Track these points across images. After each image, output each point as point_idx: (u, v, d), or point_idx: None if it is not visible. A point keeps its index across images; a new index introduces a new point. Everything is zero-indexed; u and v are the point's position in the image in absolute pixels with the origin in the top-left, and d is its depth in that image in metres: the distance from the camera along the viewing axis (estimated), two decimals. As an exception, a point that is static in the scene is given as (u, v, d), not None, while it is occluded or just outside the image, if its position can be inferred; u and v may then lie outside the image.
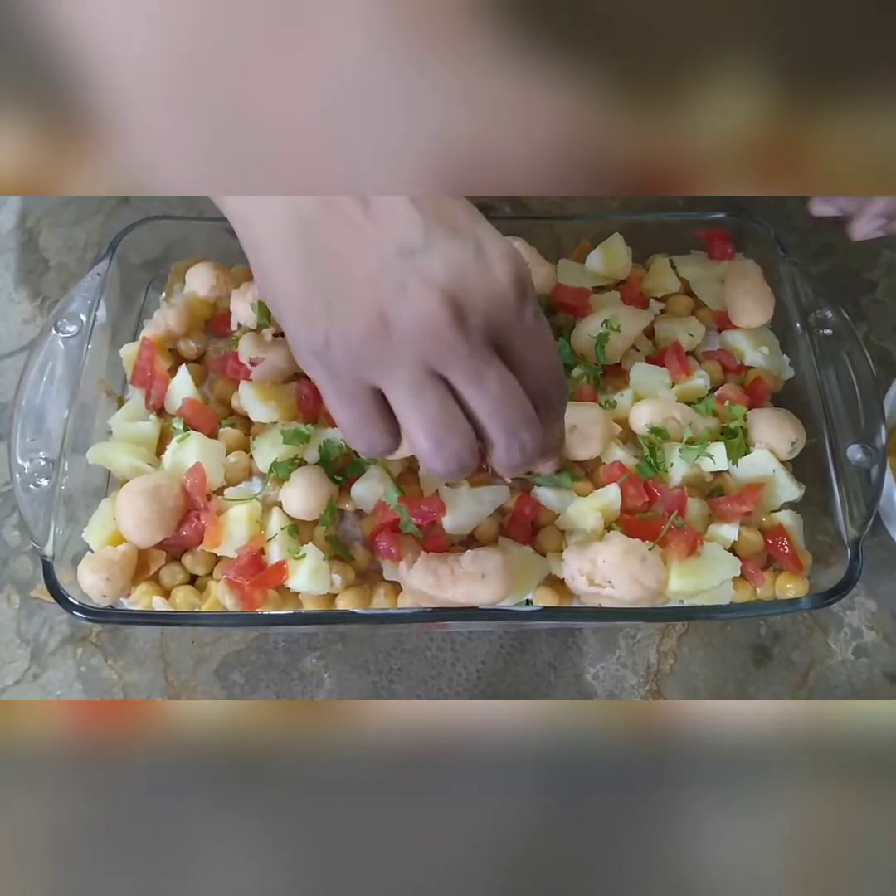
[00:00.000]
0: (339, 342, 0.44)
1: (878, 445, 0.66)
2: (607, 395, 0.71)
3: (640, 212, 0.92)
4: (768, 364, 0.74)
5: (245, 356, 0.71)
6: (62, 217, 0.94)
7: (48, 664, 0.71)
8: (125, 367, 0.74)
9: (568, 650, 0.72)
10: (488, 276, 0.44)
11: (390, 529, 0.64)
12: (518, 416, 0.46)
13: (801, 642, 0.72)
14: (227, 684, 0.70)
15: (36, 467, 0.64)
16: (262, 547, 0.63)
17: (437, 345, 0.43)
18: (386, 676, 0.70)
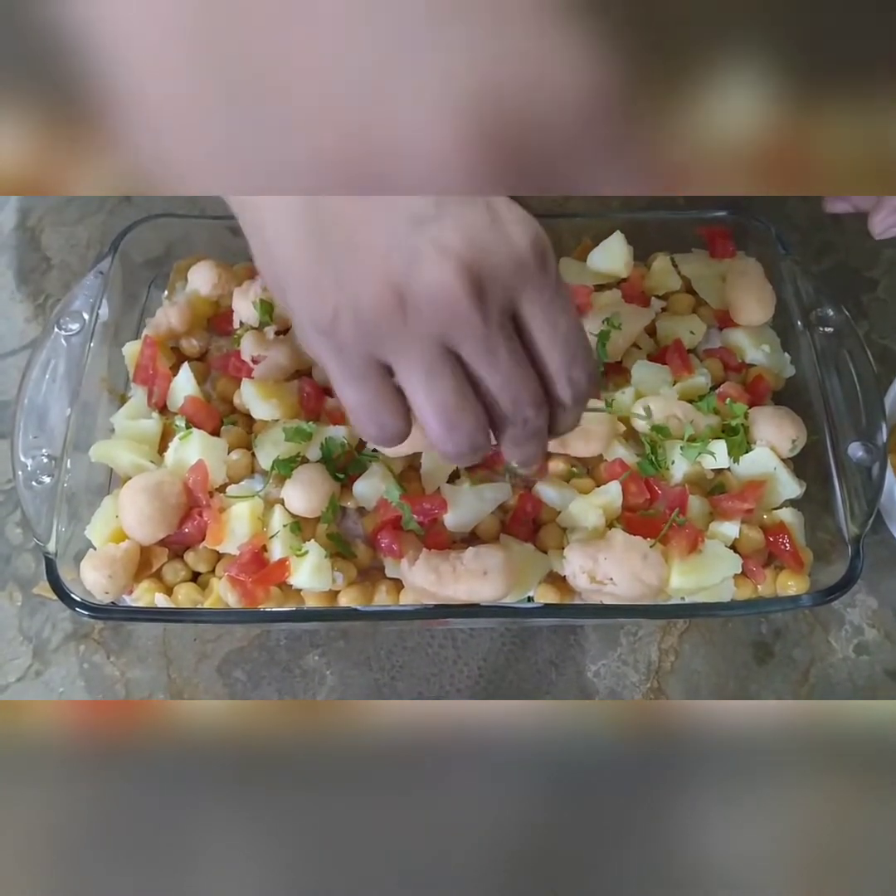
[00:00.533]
0: (349, 316, 0.42)
1: (879, 443, 0.66)
2: (609, 392, 0.71)
3: (642, 210, 0.92)
4: (769, 362, 0.74)
5: (247, 354, 0.71)
6: (64, 215, 0.94)
7: (51, 661, 0.71)
8: (127, 365, 0.74)
9: (569, 647, 0.72)
10: (506, 240, 0.41)
11: (392, 527, 0.64)
12: (526, 393, 0.44)
13: (802, 640, 0.72)
14: (229, 681, 0.70)
15: (38, 465, 0.64)
16: (264, 544, 0.63)
17: (453, 319, 0.41)
18: (388, 674, 0.70)
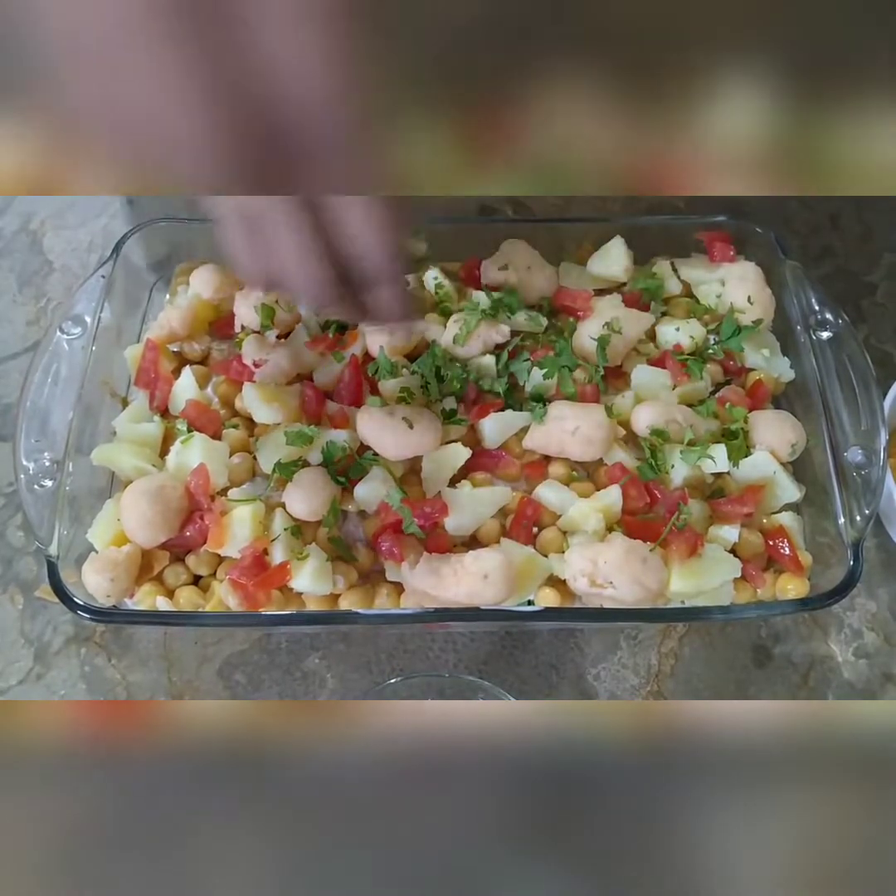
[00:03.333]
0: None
1: (878, 447, 0.66)
2: (609, 396, 0.72)
3: (642, 215, 0.92)
4: (769, 366, 0.74)
5: (249, 358, 0.72)
6: (66, 219, 0.95)
7: (52, 664, 0.71)
8: (129, 368, 0.74)
9: (569, 651, 0.72)
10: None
11: (393, 530, 0.64)
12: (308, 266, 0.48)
13: (801, 643, 0.72)
14: (229, 684, 0.70)
15: (40, 468, 0.65)
16: (265, 548, 0.64)
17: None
18: (388, 677, 0.70)
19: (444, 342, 0.73)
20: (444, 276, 0.78)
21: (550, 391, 0.72)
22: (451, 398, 0.71)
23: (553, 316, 0.78)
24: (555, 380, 0.71)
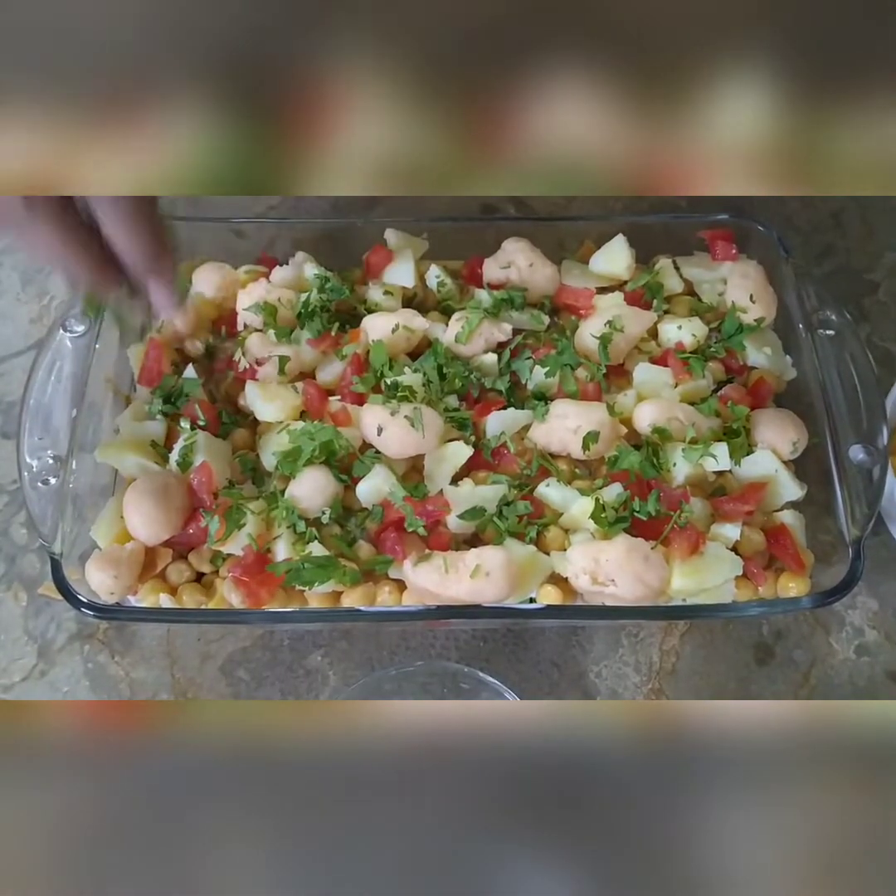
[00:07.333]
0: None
1: (879, 445, 0.66)
2: (611, 395, 0.72)
3: (644, 213, 0.92)
4: (771, 365, 0.74)
5: (251, 356, 0.72)
6: (69, 217, 0.95)
7: (55, 661, 0.71)
8: (133, 366, 0.74)
9: (571, 648, 0.72)
10: None
11: (395, 528, 0.65)
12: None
13: (802, 641, 0.72)
14: (232, 681, 0.70)
15: (44, 466, 0.65)
16: (268, 545, 0.64)
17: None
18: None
19: (446, 340, 0.73)
20: (447, 275, 0.78)
21: (552, 389, 0.72)
22: (454, 396, 0.71)
23: (555, 314, 0.78)
24: (557, 378, 0.71)
